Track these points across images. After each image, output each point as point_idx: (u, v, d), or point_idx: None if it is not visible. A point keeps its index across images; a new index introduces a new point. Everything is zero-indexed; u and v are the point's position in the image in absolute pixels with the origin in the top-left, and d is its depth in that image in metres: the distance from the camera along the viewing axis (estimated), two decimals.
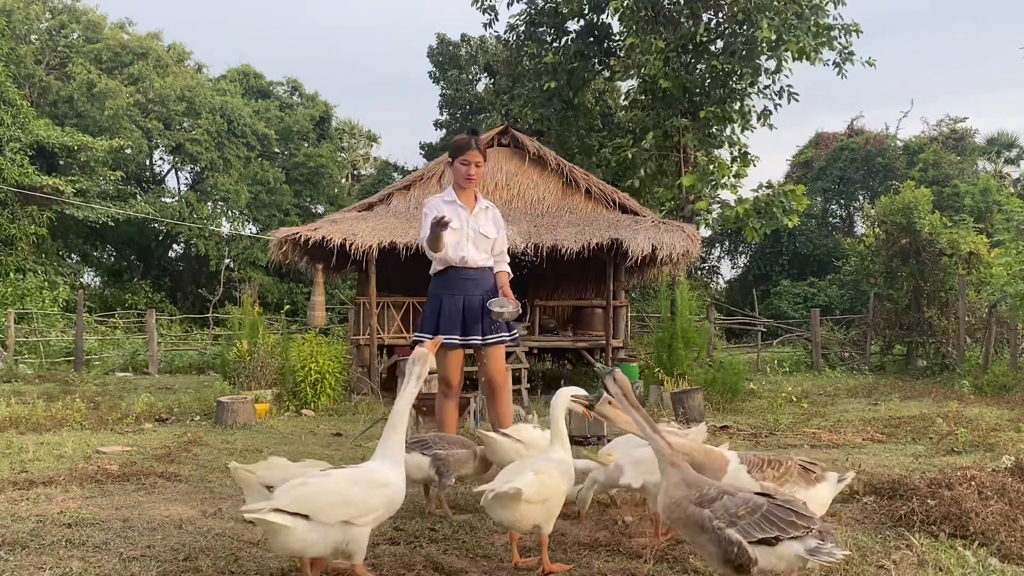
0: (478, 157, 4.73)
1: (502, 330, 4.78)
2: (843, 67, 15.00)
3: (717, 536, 2.39)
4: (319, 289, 11.50)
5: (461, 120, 30.13)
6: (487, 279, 4.79)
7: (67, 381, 12.65)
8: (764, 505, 2.41)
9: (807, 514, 2.41)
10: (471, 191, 4.82)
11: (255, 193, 29.49)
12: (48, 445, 6.08)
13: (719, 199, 15.81)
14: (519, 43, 18.20)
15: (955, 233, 13.96)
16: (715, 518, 2.42)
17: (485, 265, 4.79)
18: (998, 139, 30.99)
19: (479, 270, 4.75)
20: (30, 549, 3.18)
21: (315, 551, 2.64)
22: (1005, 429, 6.75)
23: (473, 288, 4.71)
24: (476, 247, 4.74)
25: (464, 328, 4.70)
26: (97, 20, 29.46)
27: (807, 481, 2.95)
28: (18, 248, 22.02)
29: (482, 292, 4.71)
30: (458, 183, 4.81)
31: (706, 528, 2.43)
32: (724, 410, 8.90)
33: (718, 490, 2.50)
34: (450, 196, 4.80)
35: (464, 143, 4.74)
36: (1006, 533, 3.21)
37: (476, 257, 4.73)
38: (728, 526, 2.39)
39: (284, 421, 8.22)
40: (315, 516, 2.59)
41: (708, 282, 29.89)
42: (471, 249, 4.72)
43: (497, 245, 4.85)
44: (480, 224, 4.77)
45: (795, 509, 2.41)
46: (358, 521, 2.67)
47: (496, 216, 4.90)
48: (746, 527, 2.37)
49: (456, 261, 4.71)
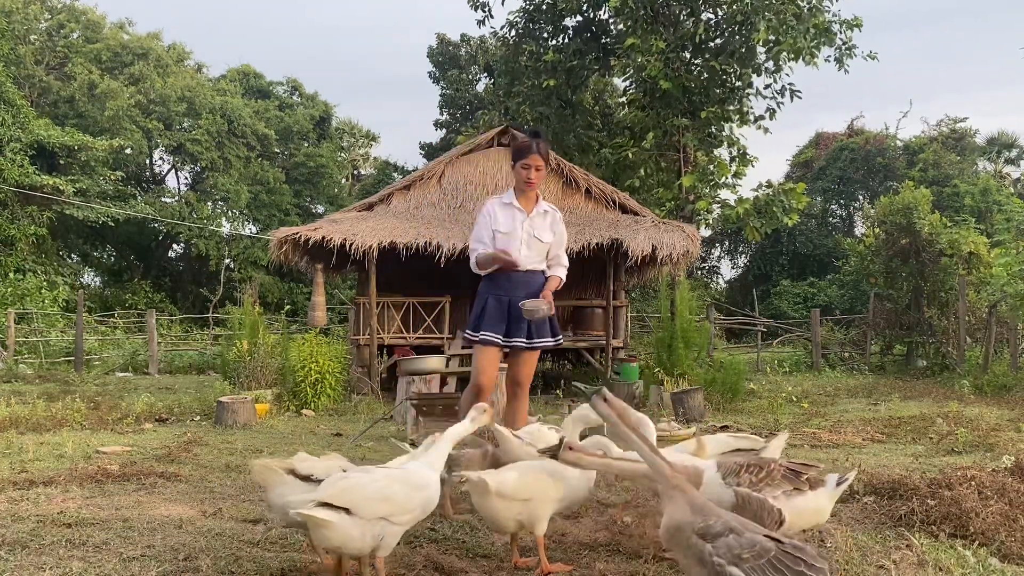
0: (539, 161, 4.63)
1: (546, 335, 4.69)
2: (844, 62, 14.99)
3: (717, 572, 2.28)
4: (319, 289, 11.50)
5: (461, 120, 30.14)
6: (536, 282, 4.68)
7: (67, 381, 12.66)
8: (772, 551, 2.27)
9: (818, 564, 2.27)
10: (532, 194, 4.72)
11: (255, 193, 29.50)
12: (48, 445, 6.08)
13: (719, 199, 15.81)
14: (517, 40, 18.20)
15: (956, 233, 13.96)
16: (716, 554, 2.30)
17: (536, 268, 4.69)
18: (998, 139, 31.01)
19: (528, 273, 4.66)
20: (30, 549, 3.18)
21: (353, 547, 2.66)
22: (1005, 429, 6.75)
23: (520, 290, 4.62)
24: (529, 249, 4.65)
25: (508, 330, 4.63)
26: (96, 20, 29.46)
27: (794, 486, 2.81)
28: (18, 248, 22.02)
29: (528, 295, 4.61)
30: (518, 186, 4.74)
31: (705, 563, 2.32)
32: (724, 410, 8.90)
33: (724, 525, 2.38)
34: (508, 198, 4.74)
35: (525, 146, 4.66)
36: (1006, 533, 3.21)
37: (527, 260, 4.64)
38: (730, 564, 2.27)
39: (284, 421, 8.22)
40: (356, 510, 2.62)
41: (708, 282, 29.88)
42: (523, 251, 4.63)
43: (552, 249, 4.74)
44: (536, 227, 4.67)
45: (805, 559, 2.27)
46: (395, 519, 2.71)
47: (555, 221, 4.76)
48: (749, 571, 2.25)
49: None
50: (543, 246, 4.69)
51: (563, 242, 4.79)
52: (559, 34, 17.66)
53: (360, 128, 38.52)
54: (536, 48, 17.68)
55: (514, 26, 18.18)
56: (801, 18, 14.24)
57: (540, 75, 17.07)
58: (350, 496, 2.63)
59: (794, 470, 2.85)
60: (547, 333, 4.69)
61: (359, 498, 2.64)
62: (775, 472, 2.83)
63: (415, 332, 11.68)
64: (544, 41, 17.85)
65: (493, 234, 4.68)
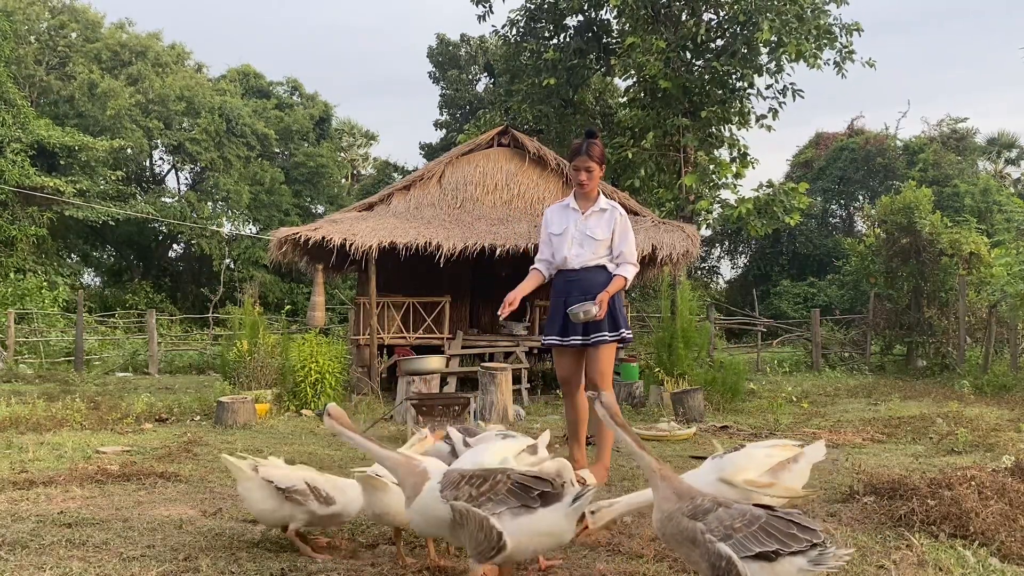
0: (589, 163, 4.62)
1: (604, 330, 4.61)
2: (843, 66, 15.00)
3: (708, 550, 2.27)
4: (319, 289, 11.49)
5: (461, 120, 30.13)
6: (592, 280, 4.62)
7: (67, 381, 12.66)
8: (762, 517, 2.29)
9: (810, 526, 2.28)
10: (590, 193, 4.72)
11: (255, 193, 29.50)
12: (48, 445, 6.08)
13: (720, 199, 15.81)
14: (518, 39, 18.20)
15: (956, 233, 13.96)
16: (708, 531, 2.29)
17: (591, 265, 4.65)
18: (998, 139, 31.01)
19: (581, 271, 4.64)
20: (30, 549, 3.18)
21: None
22: (1005, 429, 6.75)
23: (573, 289, 4.62)
24: (580, 247, 4.65)
25: (564, 329, 4.64)
26: (96, 20, 29.45)
27: (521, 502, 2.47)
28: (18, 248, 22.03)
29: (583, 293, 4.58)
30: (575, 187, 4.78)
31: (698, 542, 2.31)
32: (724, 410, 8.90)
33: (712, 502, 2.39)
34: (569, 200, 4.79)
35: (576, 148, 4.68)
36: (1006, 533, 3.20)
37: (578, 258, 4.64)
38: (721, 539, 2.26)
39: (284, 421, 8.22)
40: None
41: (708, 282, 29.88)
42: (573, 249, 4.64)
43: (615, 247, 4.69)
44: (590, 226, 4.66)
45: (796, 521, 2.28)
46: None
47: (614, 219, 4.70)
48: (742, 540, 2.24)
49: (560, 263, 4.71)
50: (598, 243, 4.65)
51: (628, 240, 4.70)
52: (560, 33, 17.67)
53: (360, 128, 38.57)
54: (537, 47, 17.69)
55: (515, 25, 18.18)
56: (804, 19, 14.24)
57: (541, 74, 17.07)
58: None
59: (524, 484, 2.50)
60: (605, 328, 4.60)
61: None
62: (500, 485, 2.51)
63: (415, 332, 11.67)
64: (545, 40, 17.86)
65: (548, 238, 4.76)
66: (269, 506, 3.20)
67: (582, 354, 4.70)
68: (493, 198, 12.30)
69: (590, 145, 4.63)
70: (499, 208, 12.11)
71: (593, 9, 17.15)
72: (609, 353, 4.68)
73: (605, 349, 4.63)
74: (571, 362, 4.71)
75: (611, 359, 4.73)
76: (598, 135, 4.82)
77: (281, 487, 3.18)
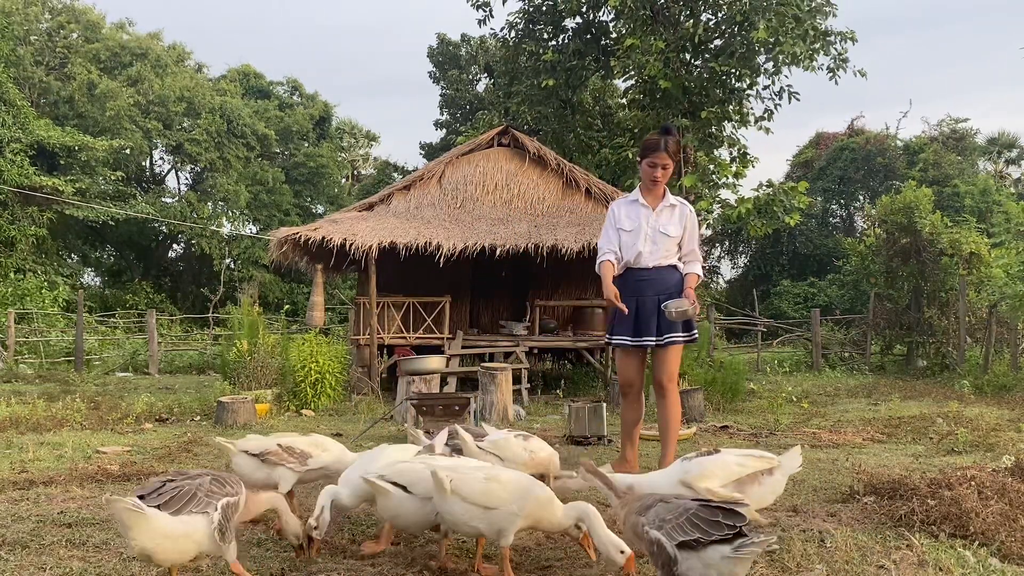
0: (665, 159, 4.55)
1: (677, 330, 4.56)
2: (836, 73, 15.01)
3: (647, 539, 2.43)
4: (319, 289, 11.49)
5: (461, 120, 30.13)
6: (665, 279, 4.57)
7: (67, 381, 12.65)
8: (692, 508, 2.39)
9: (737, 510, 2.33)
10: (658, 190, 4.65)
11: (255, 193, 29.50)
12: (48, 445, 6.08)
13: (720, 199, 15.80)
14: (517, 41, 18.20)
15: (956, 233, 13.95)
16: (647, 523, 2.46)
17: (662, 264, 4.58)
18: (999, 139, 31.02)
19: (654, 270, 4.57)
20: (30, 549, 3.18)
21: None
22: (1005, 429, 6.74)
23: (647, 289, 4.54)
24: (654, 244, 4.56)
25: (636, 329, 4.57)
26: (96, 20, 29.45)
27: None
28: (18, 248, 22.02)
29: (657, 293, 4.52)
30: (644, 183, 4.67)
31: (639, 534, 2.50)
32: (724, 410, 8.89)
33: (655, 499, 2.57)
34: (634, 195, 4.70)
35: (653, 143, 4.59)
36: (1006, 533, 3.20)
37: (651, 256, 4.56)
38: (655, 529, 2.42)
39: (284, 421, 8.21)
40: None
41: (708, 282, 29.89)
42: (647, 246, 4.55)
43: (684, 244, 4.63)
44: (661, 222, 4.58)
45: (724, 508, 2.35)
46: None
47: (685, 215, 4.64)
48: (670, 531, 2.36)
49: (631, 260, 4.61)
50: (670, 240, 4.59)
51: (695, 236, 4.67)
52: (559, 35, 17.66)
53: (360, 128, 38.58)
54: (536, 48, 17.68)
55: (514, 27, 18.18)
56: (800, 20, 14.23)
57: (539, 75, 17.07)
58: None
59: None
60: (679, 329, 4.57)
61: None
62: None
63: (415, 332, 11.67)
64: (544, 42, 17.85)
65: (618, 233, 4.65)
66: (250, 470, 3.54)
67: (646, 356, 4.66)
68: (493, 198, 12.30)
69: (668, 141, 4.56)
70: (499, 208, 12.11)
71: (592, 11, 17.14)
72: (678, 354, 4.67)
73: (675, 350, 4.61)
74: (638, 364, 4.68)
75: (679, 360, 4.70)
76: (674, 130, 4.73)
77: (254, 453, 3.55)
